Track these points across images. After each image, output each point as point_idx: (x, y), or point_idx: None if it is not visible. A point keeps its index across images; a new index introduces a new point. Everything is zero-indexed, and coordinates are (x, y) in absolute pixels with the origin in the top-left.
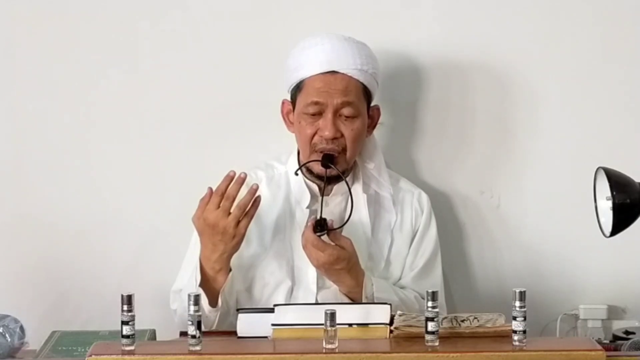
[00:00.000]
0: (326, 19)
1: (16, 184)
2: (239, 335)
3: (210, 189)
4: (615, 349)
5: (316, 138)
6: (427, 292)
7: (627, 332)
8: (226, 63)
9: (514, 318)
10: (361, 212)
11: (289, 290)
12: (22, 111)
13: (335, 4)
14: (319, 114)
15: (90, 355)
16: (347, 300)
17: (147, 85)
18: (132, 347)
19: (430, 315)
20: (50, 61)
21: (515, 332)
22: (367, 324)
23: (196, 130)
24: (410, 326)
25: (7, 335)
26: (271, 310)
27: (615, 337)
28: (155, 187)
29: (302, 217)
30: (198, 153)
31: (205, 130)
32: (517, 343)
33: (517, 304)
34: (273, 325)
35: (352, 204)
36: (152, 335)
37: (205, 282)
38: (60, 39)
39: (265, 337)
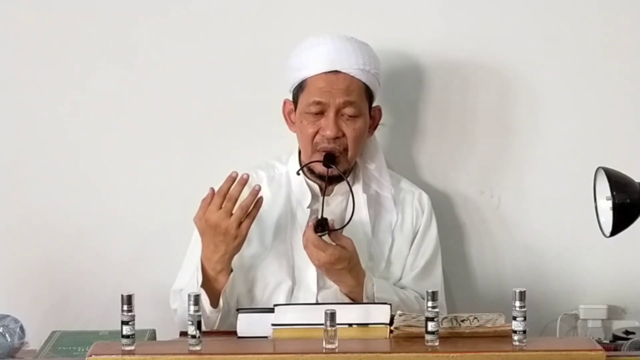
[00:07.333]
0: (328, 19)
1: (16, 184)
2: (239, 335)
3: (212, 189)
4: (615, 349)
5: (318, 137)
6: (427, 292)
7: (627, 332)
8: (227, 62)
9: (514, 318)
10: (361, 212)
11: (290, 290)
12: (22, 112)
13: (336, 4)
14: (320, 114)
15: (90, 355)
16: (347, 300)
17: (146, 85)
18: (132, 347)
19: (430, 315)
20: (49, 62)
21: (515, 332)
22: (367, 324)
23: (196, 130)
24: (410, 326)
25: (7, 335)
26: (271, 310)
27: (615, 337)
28: (155, 187)
29: (303, 217)
30: (198, 153)
31: (206, 130)
32: (517, 343)
33: (517, 304)
34: (273, 325)
35: (353, 204)
36: (152, 335)
37: (207, 283)
38: (61, 40)
39: (265, 337)
